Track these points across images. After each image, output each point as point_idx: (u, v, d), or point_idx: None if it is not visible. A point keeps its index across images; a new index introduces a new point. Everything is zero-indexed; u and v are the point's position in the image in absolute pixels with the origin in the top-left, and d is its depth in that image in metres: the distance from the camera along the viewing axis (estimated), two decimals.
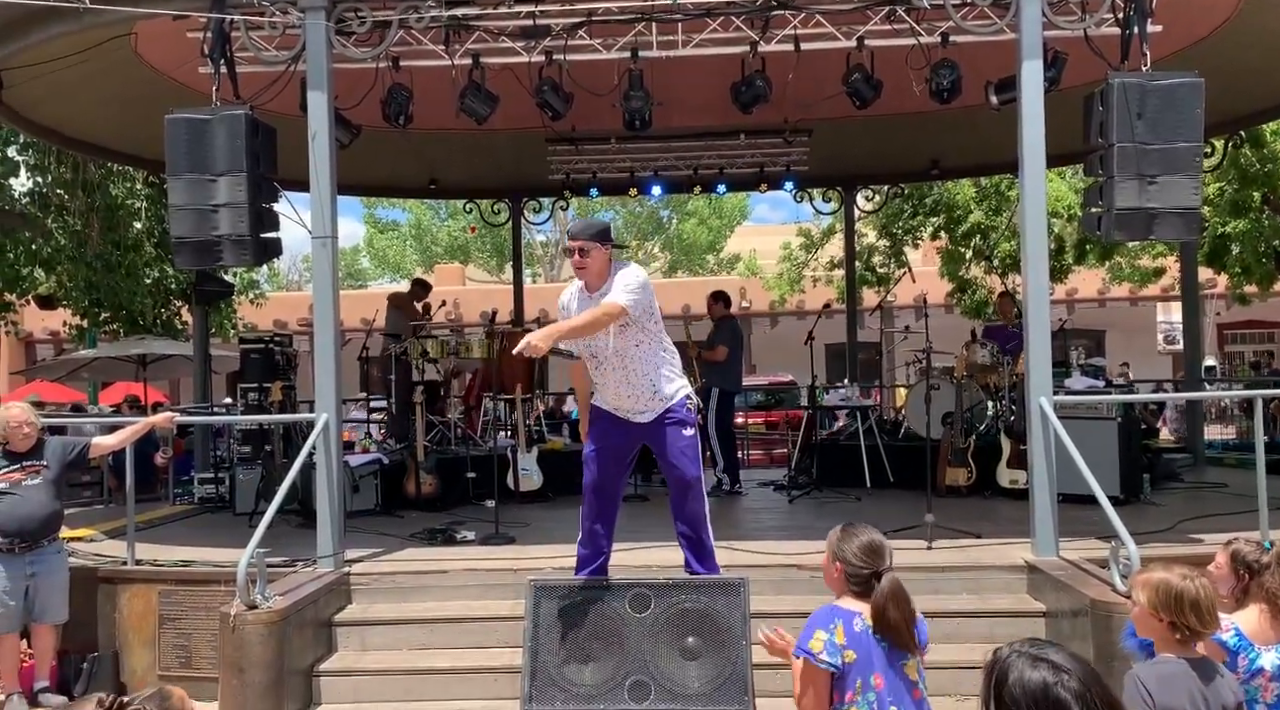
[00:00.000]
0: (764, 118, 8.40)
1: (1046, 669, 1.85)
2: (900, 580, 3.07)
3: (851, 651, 3.04)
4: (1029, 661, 1.88)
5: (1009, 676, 1.88)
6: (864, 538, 3.13)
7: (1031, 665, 1.87)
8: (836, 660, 3.03)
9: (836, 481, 9.14)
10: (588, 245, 4.96)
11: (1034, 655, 1.89)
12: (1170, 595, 2.91)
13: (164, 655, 6.19)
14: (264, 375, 9.07)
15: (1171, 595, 2.90)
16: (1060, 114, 6.11)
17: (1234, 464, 10.11)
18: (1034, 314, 5.98)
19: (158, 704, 2.45)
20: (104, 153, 10.70)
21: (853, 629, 3.06)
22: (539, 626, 4.65)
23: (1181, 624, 2.88)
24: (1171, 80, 5.79)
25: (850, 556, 3.11)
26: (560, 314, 5.22)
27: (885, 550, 3.12)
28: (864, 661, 3.04)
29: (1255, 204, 14.70)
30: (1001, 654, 1.95)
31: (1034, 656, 1.88)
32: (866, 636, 3.05)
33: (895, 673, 3.05)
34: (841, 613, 3.10)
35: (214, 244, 6.09)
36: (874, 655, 3.04)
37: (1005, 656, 1.92)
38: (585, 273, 5.03)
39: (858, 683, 3.03)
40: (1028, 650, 1.91)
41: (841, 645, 3.04)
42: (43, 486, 5.98)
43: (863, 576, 3.08)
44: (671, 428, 5.12)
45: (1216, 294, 20.15)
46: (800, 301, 22.33)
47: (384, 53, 6.42)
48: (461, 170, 11.73)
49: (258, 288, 19.36)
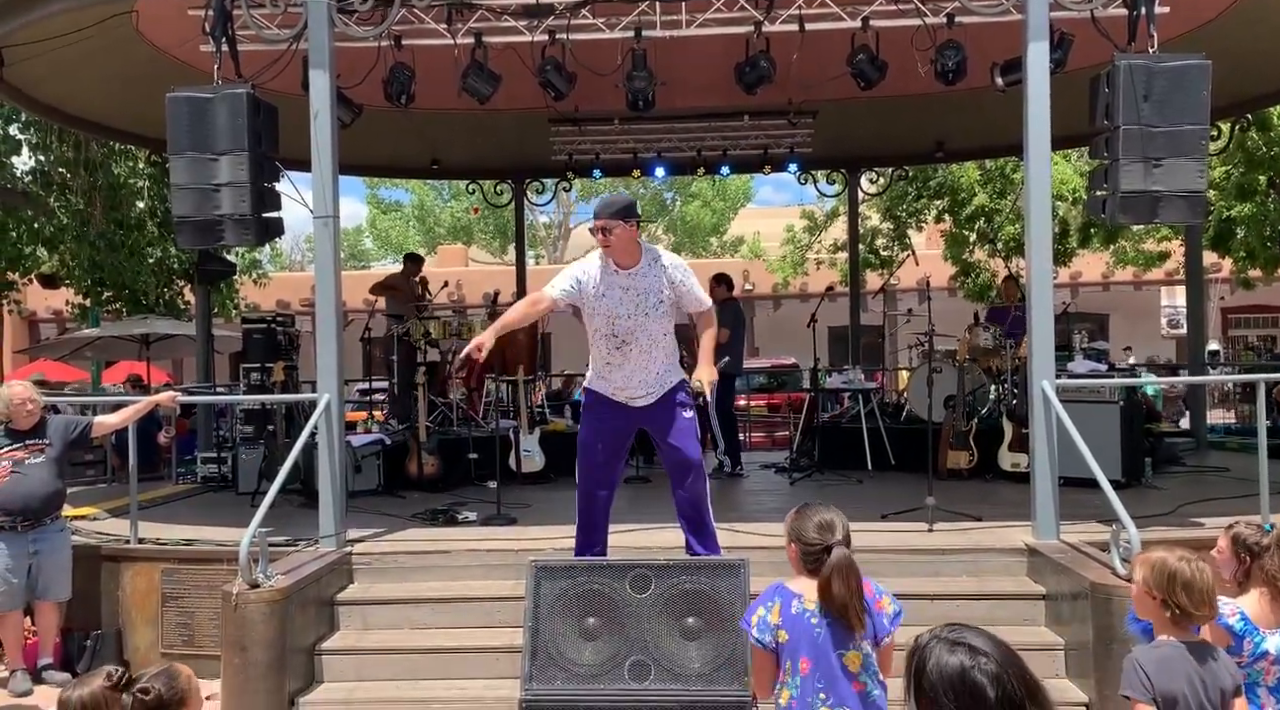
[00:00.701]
0: (768, 99, 8.34)
1: (964, 652, 1.84)
2: (850, 556, 3.01)
3: (784, 632, 3.03)
4: (946, 646, 1.87)
5: (927, 663, 1.87)
6: (819, 516, 3.10)
7: (949, 650, 1.86)
8: (767, 638, 3.03)
9: (838, 464, 9.15)
10: (610, 223, 4.91)
11: (951, 640, 1.87)
12: (1164, 574, 2.92)
13: (167, 633, 6.23)
14: (266, 355, 9.08)
15: (1165, 574, 2.92)
16: (1066, 96, 6.06)
17: (1236, 448, 10.10)
18: (1037, 297, 5.96)
19: (165, 682, 2.48)
20: (106, 131, 10.66)
21: (789, 609, 3.04)
22: (540, 606, 4.66)
23: (1173, 603, 2.89)
24: (1178, 62, 5.74)
25: (802, 533, 3.09)
26: (573, 286, 5.03)
27: (837, 526, 3.07)
28: (794, 643, 3.02)
29: (1261, 188, 14.63)
30: (921, 640, 1.93)
31: (951, 641, 1.87)
32: (803, 619, 3.02)
33: (830, 660, 2.99)
34: (784, 592, 3.09)
35: (216, 223, 6.07)
36: (805, 639, 3.01)
37: (925, 643, 1.91)
38: (612, 251, 4.96)
39: (787, 664, 3.03)
40: (946, 635, 1.90)
41: (775, 624, 3.04)
42: (45, 465, 5.99)
43: (814, 552, 3.05)
44: (673, 409, 5.12)
45: (1221, 278, 20.11)
46: (803, 284, 22.31)
47: (386, 31, 6.38)
48: (464, 150, 11.68)
49: (260, 268, 19.38)
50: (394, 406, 10.13)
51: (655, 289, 5.00)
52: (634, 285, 4.99)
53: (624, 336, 4.99)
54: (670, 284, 5.03)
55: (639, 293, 4.98)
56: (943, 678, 1.84)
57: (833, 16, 6.51)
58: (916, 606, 5.48)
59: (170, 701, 2.49)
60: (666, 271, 5.02)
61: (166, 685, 2.50)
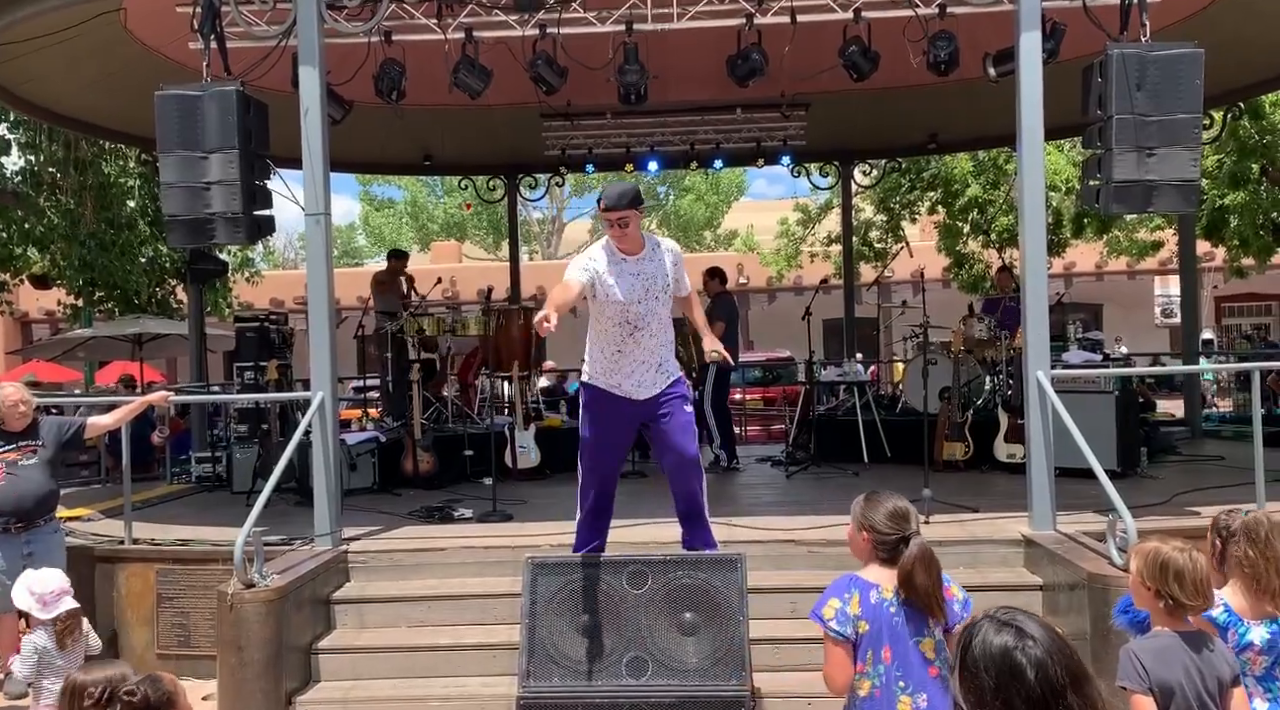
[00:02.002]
0: (761, 91, 8.33)
1: (1010, 634, 1.86)
2: (929, 546, 3.05)
3: (865, 622, 3.03)
4: (995, 626, 1.89)
5: (974, 638, 1.88)
6: (890, 504, 3.12)
7: (997, 629, 1.88)
8: (848, 630, 3.02)
9: (834, 457, 9.15)
10: (626, 214, 4.90)
11: (1001, 620, 1.90)
12: (1157, 563, 2.92)
13: (162, 634, 6.21)
14: (260, 354, 9.06)
15: (1159, 563, 2.92)
16: (1059, 86, 6.06)
17: (1231, 437, 10.12)
18: (1032, 288, 5.96)
19: (150, 685, 2.47)
20: (96, 130, 10.61)
21: (869, 600, 3.04)
22: (536, 603, 4.66)
23: (1166, 593, 2.89)
24: (1171, 51, 5.73)
25: (878, 523, 3.10)
26: (582, 275, 4.94)
27: (912, 515, 3.12)
28: (875, 633, 3.02)
29: (1254, 176, 14.63)
30: (975, 617, 1.96)
31: (1001, 621, 1.89)
32: (883, 608, 3.03)
33: (909, 648, 3.02)
34: (860, 583, 3.09)
35: (206, 222, 6.04)
36: (887, 628, 3.03)
37: (977, 620, 1.93)
38: (627, 241, 4.99)
39: (869, 654, 3.02)
40: (997, 615, 1.92)
41: (855, 615, 3.03)
42: (38, 466, 5.96)
43: (890, 542, 3.06)
44: (673, 403, 5.12)
45: (1214, 267, 20.12)
46: (798, 277, 22.30)
47: (376, 27, 6.35)
48: (456, 146, 11.64)
49: (253, 266, 19.30)
50: (388, 404, 10.11)
51: (660, 273, 5.05)
52: (642, 270, 5.03)
53: (637, 322, 5.02)
54: (674, 264, 5.11)
55: (648, 277, 5.03)
56: (986, 654, 1.85)
57: (824, 8, 6.50)
58: None
59: (158, 705, 2.48)
60: (667, 256, 5.10)
61: (153, 688, 2.49)
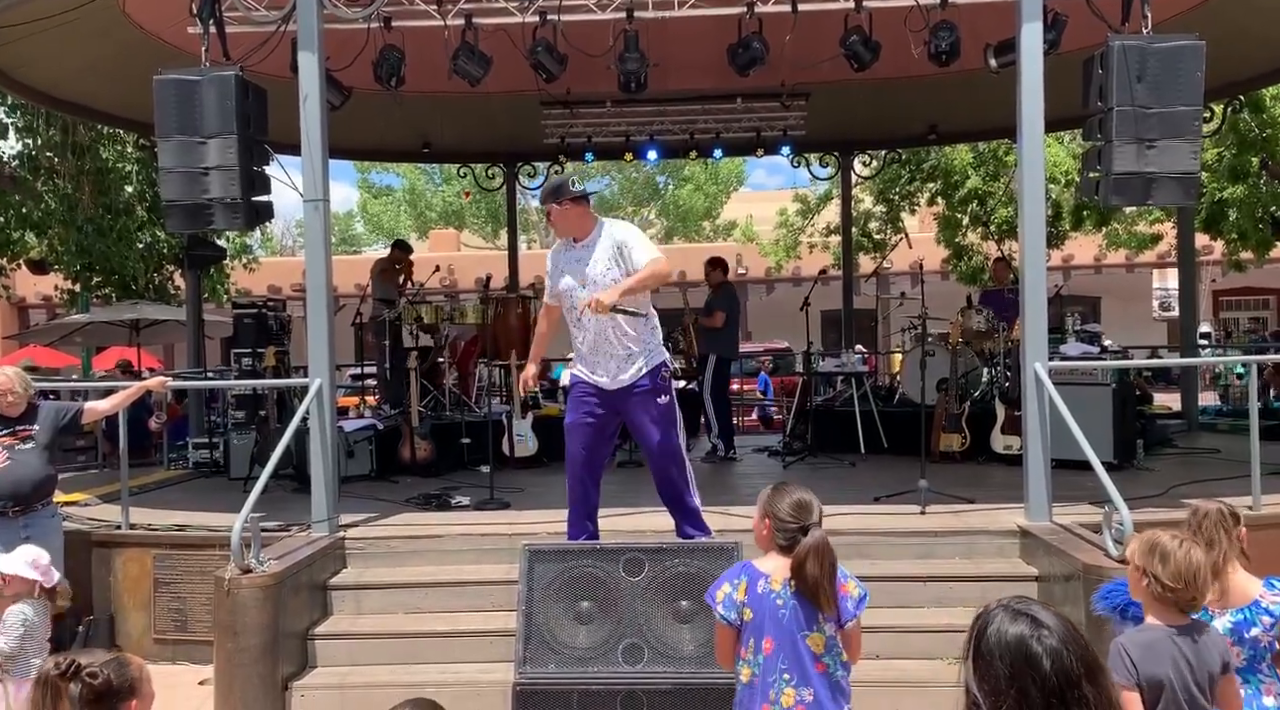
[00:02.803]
0: (761, 81, 8.30)
1: (1026, 623, 1.86)
2: (826, 538, 3.04)
3: (750, 610, 3.06)
4: (1010, 615, 1.89)
5: (989, 627, 1.89)
6: (795, 496, 3.13)
7: (1012, 618, 1.88)
8: (732, 615, 3.08)
9: (831, 447, 9.16)
10: (549, 208, 5.28)
11: (1016, 610, 1.90)
12: (1148, 547, 2.94)
13: (159, 619, 6.22)
14: (258, 340, 9.05)
15: (1148, 547, 2.93)
16: (1060, 78, 6.04)
17: (1227, 430, 10.14)
18: (1030, 280, 5.96)
19: (115, 669, 2.46)
20: (94, 115, 10.58)
21: (756, 588, 3.07)
22: (533, 590, 4.66)
23: (1150, 573, 2.90)
24: (1172, 43, 5.72)
25: (779, 511, 3.11)
26: (550, 277, 5.34)
27: (814, 508, 3.11)
28: (758, 623, 3.05)
29: (1253, 169, 14.61)
30: (988, 606, 1.96)
31: (1016, 611, 1.90)
32: (768, 599, 3.05)
33: (795, 641, 3.03)
34: (750, 571, 3.12)
35: (205, 207, 6.02)
36: (770, 619, 3.04)
37: (991, 609, 1.94)
38: (558, 228, 5.33)
39: (750, 642, 3.07)
40: (1012, 604, 1.92)
41: (740, 602, 3.07)
42: (35, 450, 5.95)
43: (790, 532, 3.07)
44: (644, 396, 5.14)
45: (1212, 260, 20.12)
46: (796, 268, 22.29)
47: (375, 13, 6.33)
48: (455, 134, 11.62)
49: (250, 252, 19.27)
50: (386, 391, 10.12)
51: (604, 257, 5.12)
52: (584, 256, 5.18)
53: (580, 309, 5.07)
54: (616, 246, 5.11)
55: (588, 262, 5.14)
56: (1001, 643, 1.86)
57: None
58: (909, 588, 5.52)
59: (120, 689, 2.45)
60: (613, 235, 5.17)
61: (116, 672, 2.46)
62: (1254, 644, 3.20)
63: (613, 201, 35.94)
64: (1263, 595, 3.24)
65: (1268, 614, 3.20)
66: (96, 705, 2.42)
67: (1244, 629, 3.18)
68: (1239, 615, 3.21)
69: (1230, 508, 3.43)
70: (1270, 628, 3.20)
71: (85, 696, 2.40)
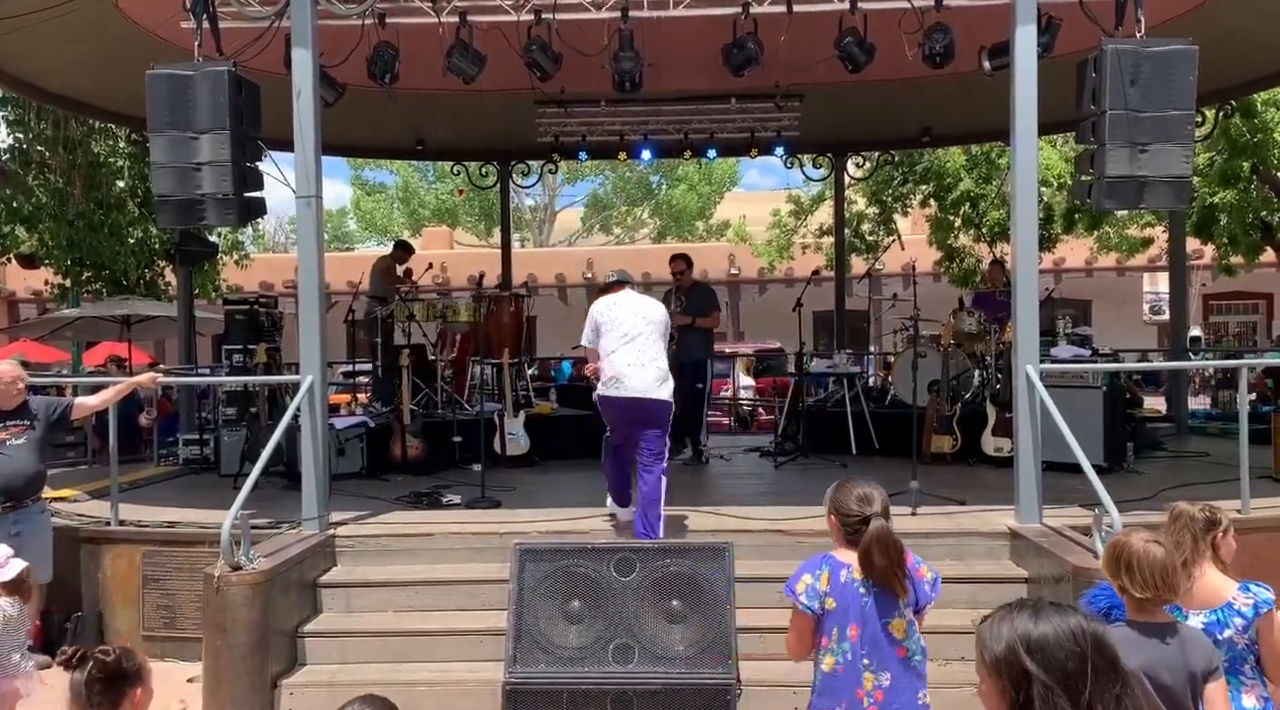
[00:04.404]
0: (755, 82, 8.30)
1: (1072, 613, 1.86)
2: (888, 527, 3.11)
3: (832, 600, 3.12)
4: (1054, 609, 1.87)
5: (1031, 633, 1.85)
6: (859, 489, 3.21)
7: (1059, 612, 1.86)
8: (815, 605, 3.12)
9: (823, 448, 9.16)
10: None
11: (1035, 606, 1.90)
12: (1113, 553, 2.95)
13: (148, 616, 6.20)
14: (249, 337, 9.02)
15: (1114, 553, 2.94)
16: (1053, 81, 6.06)
17: (1216, 433, 10.18)
18: (1022, 282, 5.97)
19: (123, 653, 2.71)
20: (85, 109, 10.54)
21: (838, 578, 3.13)
22: (523, 590, 4.65)
23: (1117, 583, 2.92)
24: (1165, 47, 5.74)
25: (842, 506, 3.19)
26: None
27: (875, 498, 3.18)
28: (841, 611, 3.11)
29: (1244, 174, 14.68)
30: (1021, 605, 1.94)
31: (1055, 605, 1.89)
32: (851, 587, 3.11)
33: (876, 627, 3.09)
34: (831, 561, 3.17)
35: (197, 203, 6.00)
36: (853, 607, 3.10)
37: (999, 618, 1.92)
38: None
39: (834, 631, 3.11)
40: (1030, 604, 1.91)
41: (823, 591, 3.12)
42: (28, 446, 5.93)
43: (853, 524, 3.15)
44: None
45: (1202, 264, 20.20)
46: (789, 268, 22.31)
47: (370, 9, 6.31)
48: (448, 132, 11.60)
49: (242, 249, 19.21)
50: (378, 389, 10.09)
51: None
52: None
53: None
54: None
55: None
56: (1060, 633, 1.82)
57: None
58: None
59: (129, 672, 2.60)
60: None
61: (126, 657, 2.62)
62: (1230, 645, 3.21)
63: (606, 201, 35.95)
64: (1235, 597, 3.25)
65: (1240, 616, 3.21)
66: (106, 685, 2.56)
67: (1216, 631, 3.20)
68: (1211, 616, 3.22)
69: (1211, 512, 3.44)
70: (1244, 630, 3.21)
71: (96, 674, 2.56)
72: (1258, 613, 3.22)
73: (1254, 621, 3.21)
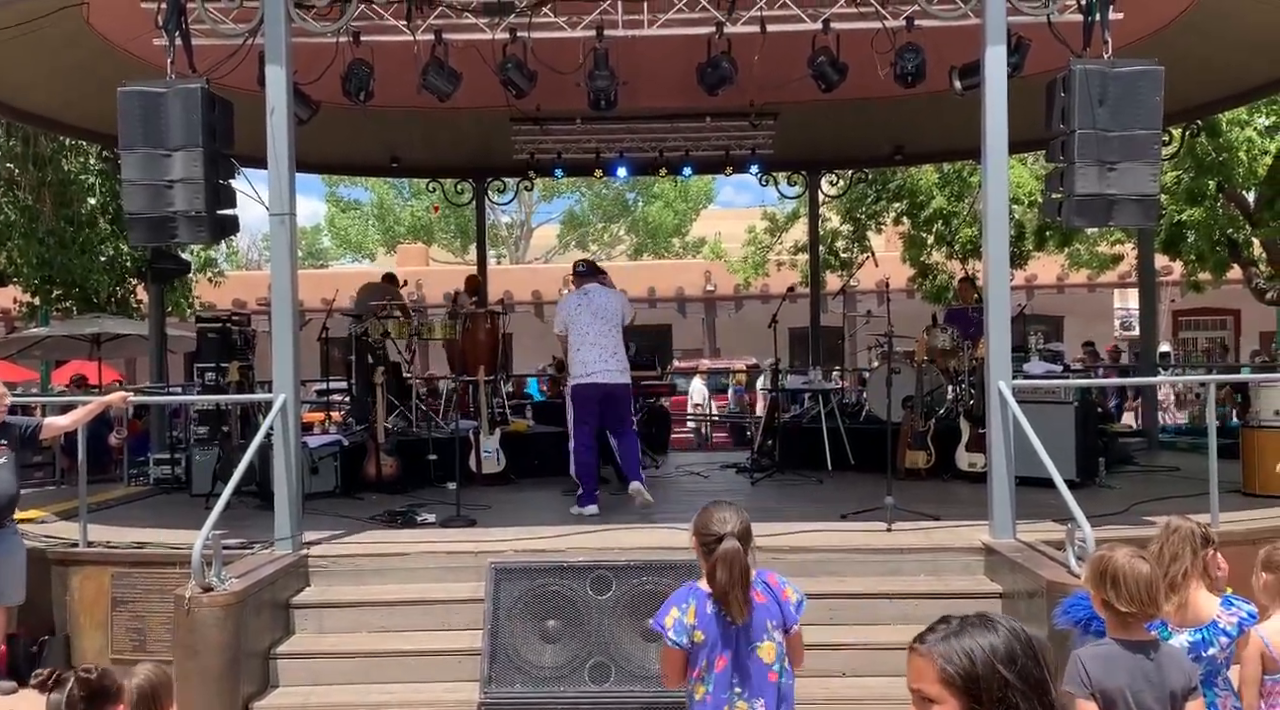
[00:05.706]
0: (730, 100, 8.37)
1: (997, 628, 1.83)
2: (738, 547, 3.03)
3: (700, 632, 3.08)
4: (978, 628, 1.85)
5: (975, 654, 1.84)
6: (720, 512, 3.13)
7: (983, 629, 1.84)
8: (683, 640, 3.08)
9: (799, 464, 9.18)
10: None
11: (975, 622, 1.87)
12: (1097, 569, 2.96)
13: (117, 638, 6.10)
14: (221, 355, 8.94)
15: (1098, 569, 2.96)
16: (1023, 100, 6.14)
17: (1186, 448, 10.29)
18: (994, 299, 6.03)
19: (104, 672, 2.74)
20: (56, 126, 10.45)
21: (704, 610, 3.09)
22: (499, 609, 4.64)
23: (1103, 599, 2.93)
24: (1132, 68, 5.83)
25: (702, 527, 3.13)
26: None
27: (732, 520, 3.09)
28: (711, 642, 3.07)
29: (1211, 192, 14.91)
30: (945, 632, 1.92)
31: (974, 623, 1.86)
32: (719, 617, 3.07)
33: (746, 655, 3.06)
34: (698, 593, 3.13)
35: (169, 220, 5.95)
36: (722, 637, 3.06)
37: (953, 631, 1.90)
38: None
39: (703, 663, 3.08)
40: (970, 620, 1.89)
41: (690, 625, 3.08)
42: (9, 466, 5.84)
43: (710, 544, 3.08)
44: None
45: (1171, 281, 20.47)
46: (764, 285, 22.40)
47: (344, 27, 6.30)
48: (424, 149, 11.59)
49: (215, 266, 19.08)
50: (353, 407, 10.03)
51: None
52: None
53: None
54: None
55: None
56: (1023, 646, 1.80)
57: (794, 18, 6.54)
58: (876, 605, 5.54)
59: (110, 689, 2.63)
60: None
61: (107, 676, 2.68)
62: (1210, 661, 3.24)
63: (582, 218, 35.99)
64: (1220, 615, 3.28)
65: (1225, 635, 3.25)
66: (89, 703, 2.62)
67: (1201, 649, 3.23)
68: (1197, 635, 3.25)
69: (1205, 529, 3.48)
70: (1228, 647, 3.25)
71: (78, 693, 2.61)
72: (1241, 630, 3.26)
73: (1236, 639, 3.25)
